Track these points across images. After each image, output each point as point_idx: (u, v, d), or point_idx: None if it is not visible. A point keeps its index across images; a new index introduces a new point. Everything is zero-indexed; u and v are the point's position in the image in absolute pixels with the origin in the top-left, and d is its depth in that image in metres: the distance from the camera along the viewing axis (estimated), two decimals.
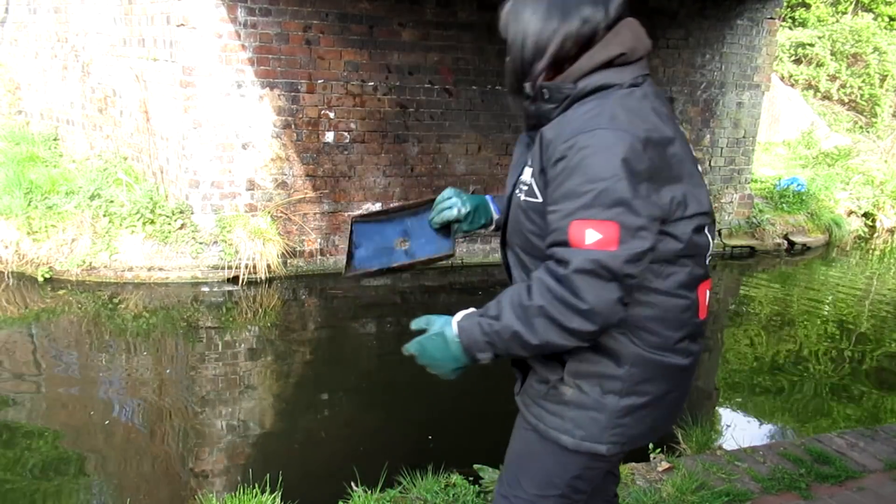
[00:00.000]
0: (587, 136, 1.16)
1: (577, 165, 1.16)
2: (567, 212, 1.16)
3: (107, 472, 3.27)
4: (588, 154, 1.15)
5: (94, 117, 7.07)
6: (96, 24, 6.77)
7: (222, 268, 5.88)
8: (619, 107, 1.20)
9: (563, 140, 1.18)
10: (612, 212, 1.14)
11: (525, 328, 1.19)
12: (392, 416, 3.91)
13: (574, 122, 1.20)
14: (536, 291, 1.18)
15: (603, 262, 1.13)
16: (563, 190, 1.17)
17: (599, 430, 1.31)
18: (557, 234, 1.18)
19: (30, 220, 5.84)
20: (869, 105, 14.11)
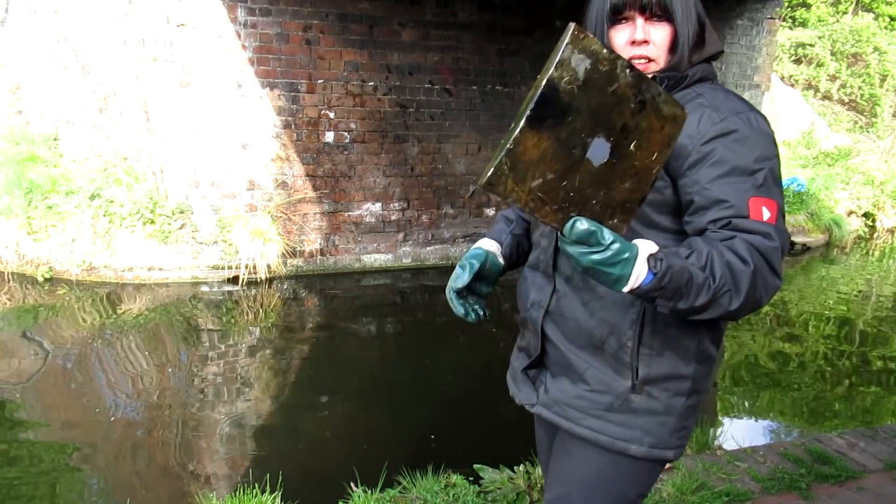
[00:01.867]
0: (740, 116, 1.17)
1: (742, 142, 1.15)
2: (744, 188, 1.14)
3: (107, 471, 3.27)
4: (752, 133, 1.16)
5: (94, 117, 7.06)
6: (96, 24, 6.77)
7: (222, 268, 5.89)
8: (736, 96, 1.23)
9: (717, 121, 1.16)
10: (776, 191, 1.16)
11: (735, 292, 1.09)
12: (392, 416, 3.91)
13: (714, 104, 1.19)
14: (749, 257, 1.10)
15: (783, 241, 1.15)
16: (730, 166, 1.14)
17: (668, 434, 1.27)
18: (736, 209, 1.13)
19: (30, 220, 5.84)
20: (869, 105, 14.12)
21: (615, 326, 1.24)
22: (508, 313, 6.05)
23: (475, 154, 6.89)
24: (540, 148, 0.97)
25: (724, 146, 1.15)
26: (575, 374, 1.30)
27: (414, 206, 6.76)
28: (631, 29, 1.21)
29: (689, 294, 1.07)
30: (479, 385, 4.36)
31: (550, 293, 1.33)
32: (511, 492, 2.52)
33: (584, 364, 1.29)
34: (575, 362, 1.30)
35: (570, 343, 1.30)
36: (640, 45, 1.21)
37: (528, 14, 6.66)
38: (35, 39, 7.78)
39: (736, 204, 1.14)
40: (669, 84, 1.22)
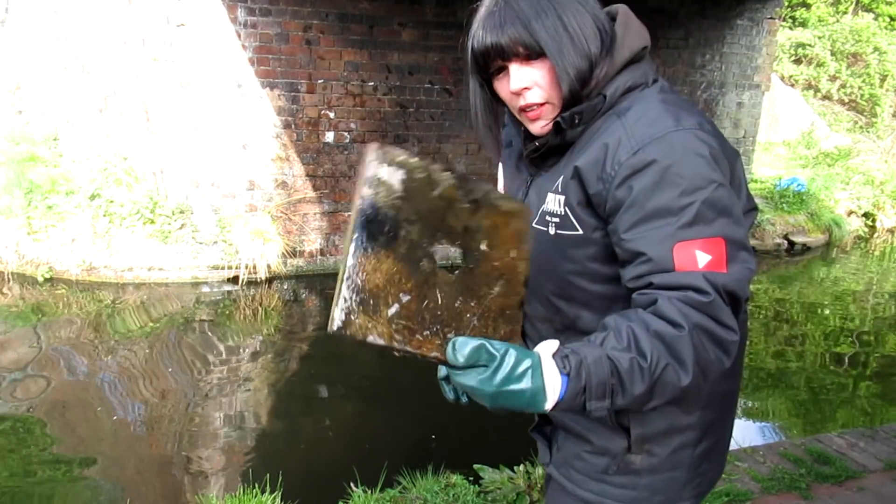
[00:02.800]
0: (661, 142, 0.97)
1: (661, 179, 0.95)
2: (665, 234, 0.95)
3: (107, 471, 3.27)
4: (671, 163, 0.95)
5: (94, 117, 7.06)
6: (96, 24, 6.77)
7: (222, 268, 5.89)
8: (668, 105, 1.02)
9: (629, 154, 0.98)
10: (716, 226, 0.95)
11: (678, 363, 0.91)
12: (392, 416, 3.91)
13: (629, 131, 1.00)
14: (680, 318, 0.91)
15: (728, 288, 0.94)
16: (649, 209, 0.96)
17: (679, 488, 1.16)
18: (658, 262, 0.95)
19: (30, 220, 5.84)
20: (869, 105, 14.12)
21: None
22: None
23: (475, 154, 6.89)
24: (382, 270, 0.86)
25: (639, 186, 0.96)
26: (579, 435, 1.20)
27: None
28: (507, 78, 1.06)
29: (620, 385, 0.89)
30: None
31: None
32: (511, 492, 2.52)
33: (579, 426, 1.19)
34: (572, 425, 1.20)
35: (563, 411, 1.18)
36: (523, 93, 1.05)
37: None
38: (35, 39, 7.77)
39: (655, 256, 0.95)
40: (586, 118, 1.04)
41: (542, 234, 1.10)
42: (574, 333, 1.11)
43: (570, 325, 1.14)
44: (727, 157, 1.02)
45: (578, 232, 1.06)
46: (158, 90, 5.95)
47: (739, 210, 1.00)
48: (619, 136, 1.00)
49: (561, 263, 1.10)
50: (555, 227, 1.08)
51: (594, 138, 1.04)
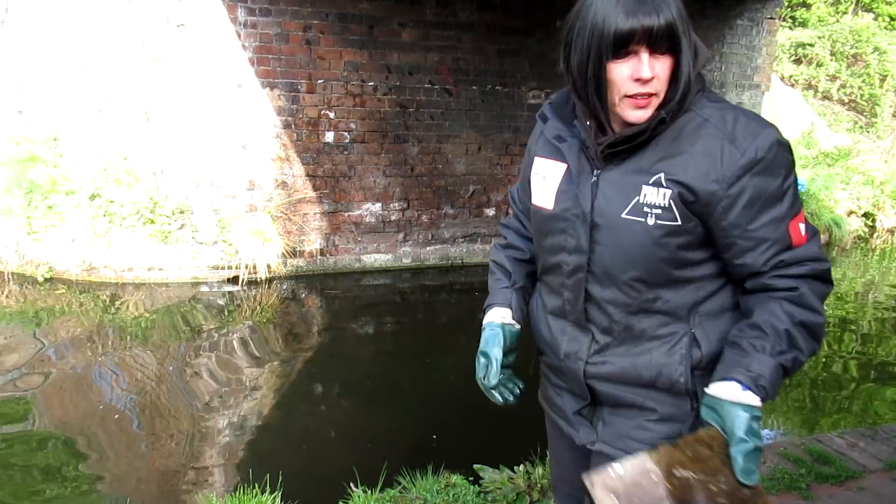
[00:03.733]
0: (759, 141, 1.13)
1: (768, 172, 1.13)
2: (781, 216, 1.15)
3: (107, 471, 3.27)
4: (772, 157, 1.13)
5: (94, 117, 7.06)
6: (96, 24, 6.77)
7: (222, 268, 5.89)
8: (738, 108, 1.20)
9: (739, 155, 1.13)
10: (797, 195, 1.18)
11: (817, 344, 1.17)
12: (392, 416, 3.91)
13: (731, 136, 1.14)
14: (817, 303, 1.16)
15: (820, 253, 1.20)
16: (764, 199, 1.14)
17: None
18: (781, 242, 1.16)
19: (30, 220, 5.84)
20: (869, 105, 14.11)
21: (664, 366, 1.23)
22: None
23: (475, 154, 6.89)
24: None
25: (753, 182, 1.13)
26: (633, 407, 1.29)
27: (414, 206, 6.76)
28: (634, 64, 1.11)
29: (788, 376, 1.14)
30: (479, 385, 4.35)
31: (588, 345, 1.30)
32: (511, 492, 2.52)
33: (640, 398, 1.28)
34: (630, 398, 1.28)
35: (620, 384, 1.29)
36: (647, 83, 1.12)
37: (528, 14, 6.66)
38: (35, 39, 7.77)
39: (779, 238, 1.15)
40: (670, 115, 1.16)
41: (637, 224, 1.19)
42: (646, 314, 1.24)
43: (645, 307, 1.23)
44: None
45: (677, 223, 1.17)
46: (158, 90, 5.95)
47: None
48: (721, 141, 1.14)
49: (653, 251, 1.19)
50: (654, 218, 1.18)
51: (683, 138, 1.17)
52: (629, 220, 1.20)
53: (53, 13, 7.39)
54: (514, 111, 6.90)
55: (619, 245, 1.21)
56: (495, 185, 7.05)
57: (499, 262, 1.50)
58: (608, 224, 1.22)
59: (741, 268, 1.19)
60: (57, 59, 7.47)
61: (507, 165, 7.03)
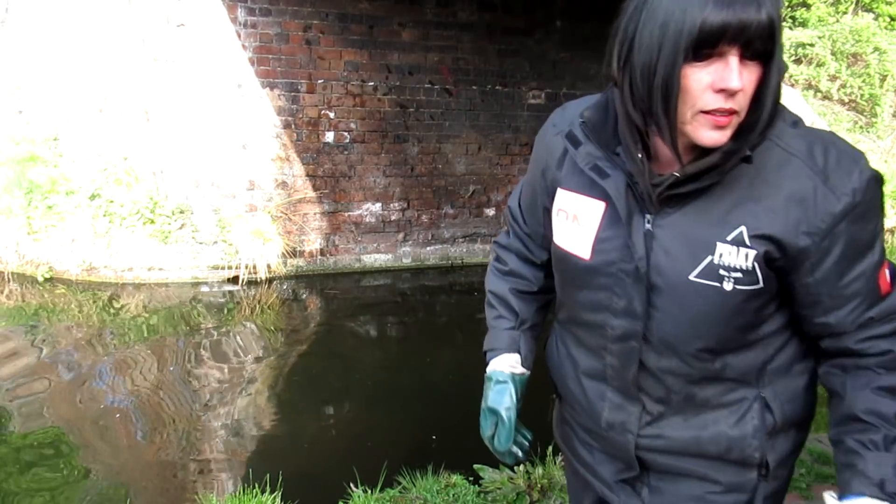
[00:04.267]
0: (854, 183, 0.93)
1: (863, 220, 0.94)
2: (870, 266, 0.96)
3: (107, 472, 3.27)
4: (867, 202, 0.93)
5: (94, 117, 7.06)
6: (96, 24, 6.77)
7: (222, 268, 5.89)
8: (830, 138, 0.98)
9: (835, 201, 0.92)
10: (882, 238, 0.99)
11: None
12: (392, 416, 3.91)
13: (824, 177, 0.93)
14: None
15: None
16: (856, 251, 0.95)
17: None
18: (871, 296, 0.97)
19: (30, 220, 5.84)
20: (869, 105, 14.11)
21: (734, 440, 1.06)
22: None
23: (475, 154, 6.89)
24: None
25: (847, 232, 0.93)
26: (692, 477, 1.11)
27: (414, 206, 6.76)
28: (720, 69, 0.86)
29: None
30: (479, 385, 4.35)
31: (639, 416, 1.10)
32: (511, 492, 2.52)
33: (702, 469, 1.09)
34: (690, 468, 1.10)
35: (677, 456, 1.10)
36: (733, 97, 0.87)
37: (528, 14, 6.66)
38: (35, 39, 7.77)
39: (869, 291, 0.97)
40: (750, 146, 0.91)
41: (710, 290, 0.97)
42: (711, 382, 1.05)
43: (711, 376, 1.05)
44: None
45: (759, 286, 0.97)
46: (158, 90, 5.95)
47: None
48: (813, 184, 0.93)
49: (730, 319, 1.00)
50: (733, 283, 0.97)
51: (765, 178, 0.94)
52: (700, 285, 0.97)
53: (53, 13, 7.39)
54: (514, 111, 6.90)
55: (685, 313, 0.99)
56: (495, 185, 7.05)
57: (499, 295, 1.27)
58: (671, 287, 0.99)
59: (822, 327, 1.00)
60: (57, 59, 7.47)
61: (507, 165, 7.03)
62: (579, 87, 6.95)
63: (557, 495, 2.49)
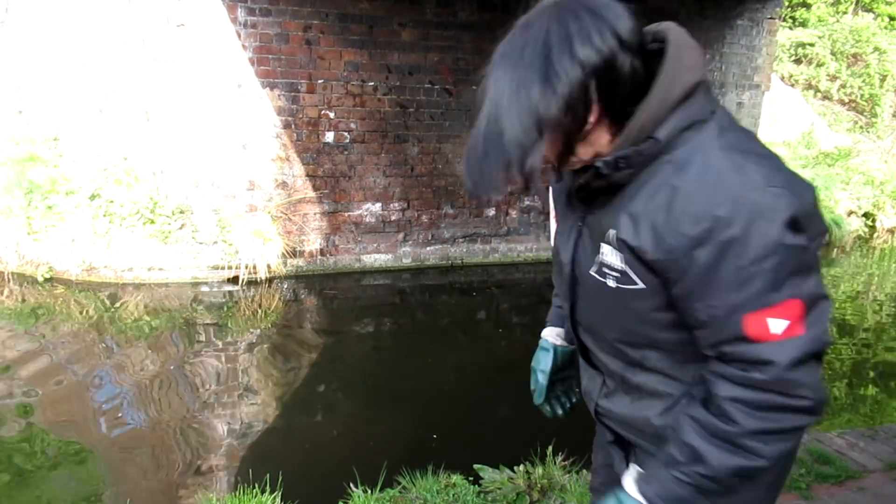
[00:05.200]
0: (724, 208, 0.90)
1: (727, 247, 0.91)
2: (734, 305, 0.93)
3: (107, 472, 3.27)
4: (737, 233, 0.90)
5: (94, 117, 7.06)
6: (96, 24, 6.77)
7: (222, 268, 5.89)
8: (731, 152, 0.94)
9: (692, 223, 0.92)
10: (789, 289, 0.92)
11: (747, 458, 0.96)
12: (392, 416, 3.91)
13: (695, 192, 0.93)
14: (736, 412, 0.95)
15: (806, 350, 0.93)
16: (718, 278, 0.93)
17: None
18: (728, 331, 0.95)
19: (30, 220, 5.84)
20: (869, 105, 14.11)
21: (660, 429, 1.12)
22: (507, 312, 6.05)
23: None
24: None
25: (704, 258, 0.93)
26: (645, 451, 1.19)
27: (414, 206, 6.76)
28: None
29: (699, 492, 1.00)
30: (479, 385, 4.36)
31: (600, 386, 1.23)
32: (511, 492, 2.52)
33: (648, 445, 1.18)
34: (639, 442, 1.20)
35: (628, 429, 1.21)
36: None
37: None
38: (35, 39, 7.77)
39: (725, 327, 0.95)
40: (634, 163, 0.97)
41: (602, 285, 1.06)
42: (642, 370, 1.12)
43: (636, 364, 1.12)
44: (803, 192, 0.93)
45: (638, 286, 1.01)
46: (158, 90, 5.95)
47: (815, 260, 0.95)
48: (681, 202, 0.94)
49: (623, 314, 1.07)
50: (615, 281, 1.04)
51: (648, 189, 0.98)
52: (595, 280, 1.07)
53: (53, 13, 7.39)
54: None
55: (592, 304, 1.12)
56: None
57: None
58: (583, 279, 1.11)
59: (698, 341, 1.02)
60: (57, 59, 7.47)
61: None
62: None
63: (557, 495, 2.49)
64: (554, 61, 0.92)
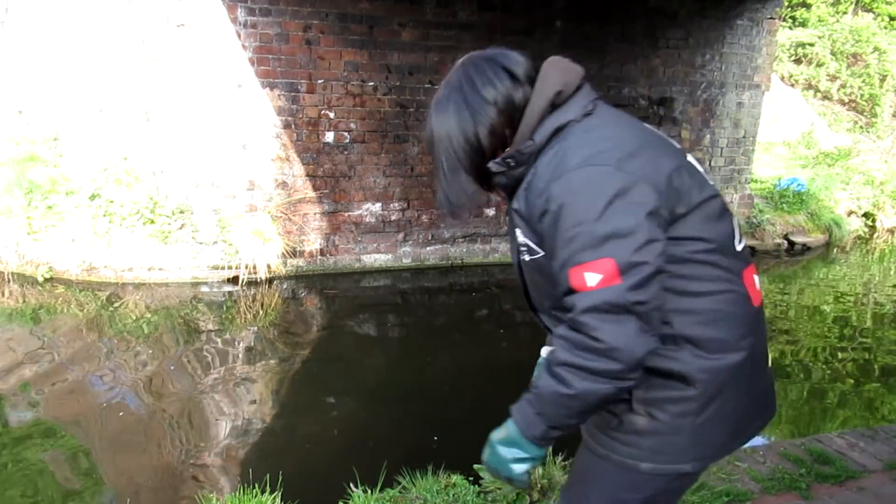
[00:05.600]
0: (558, 183, 1.18)
1: (558, 214, 1.17)
2: (562, 261, 1.17)
3: (107, 471, 3.27)
4: (565, 201, 1.16)
5: (94, 117, 7.06)
6: (96, 24, 6.77)
7: (222, 268, 5.89)
8: (578, 143, 1.22)
9: (538, 194, 1.21)
10: (603, 249, 1.13)
11: (560, 384, 1.17)
12: (392, 416, 3.91)
13: (543, 174, 1.22)
14: (559, 346, 1.19)
15: (606, 299, 1.12)
16: (553, 241, 1.19)
17: (681, 451, 1.27)
18: (563, 285, 1.18)
19: (30, 220, 5.84)
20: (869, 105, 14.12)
21: None
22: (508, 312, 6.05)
23: None
24: None
25: (547, 223, 1.20)
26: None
27: (414, 206, 6.76)
28: None
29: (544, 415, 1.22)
30: (479, 385, 4.36)
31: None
32: (511, 492, 2.51)
33: None
34: None
35: None
36: None
37: (528, 14, 6.66)
38: (35, 39, 7.77)
39: (561, 280, 1.19)
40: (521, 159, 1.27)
41: (526, 264, 1.32)
42: None
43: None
44: (642, 173, 1.16)
45: (540, 253, 1.26)
46: (158, 90, 5.95)
47: (635, 228, 1.13)
48: (535, 180, 1.23)
49: (544, 283, 1.29)
50: (528, 255, 1.29)
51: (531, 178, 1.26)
52: (520, 259, 1.33)
53: (53, 13, 7.39)
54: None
55: (531, 283, 1.36)
56: None
57: None
58: (521, 265, 1.35)
59: None
60: (57, 59, 7.47)
61: None
62: None
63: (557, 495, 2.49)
64: (470, 103, 1.27)
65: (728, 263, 1.25)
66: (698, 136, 7.85)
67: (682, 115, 7.68)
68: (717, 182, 8.04)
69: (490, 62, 1.28)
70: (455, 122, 1.27)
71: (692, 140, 7.83)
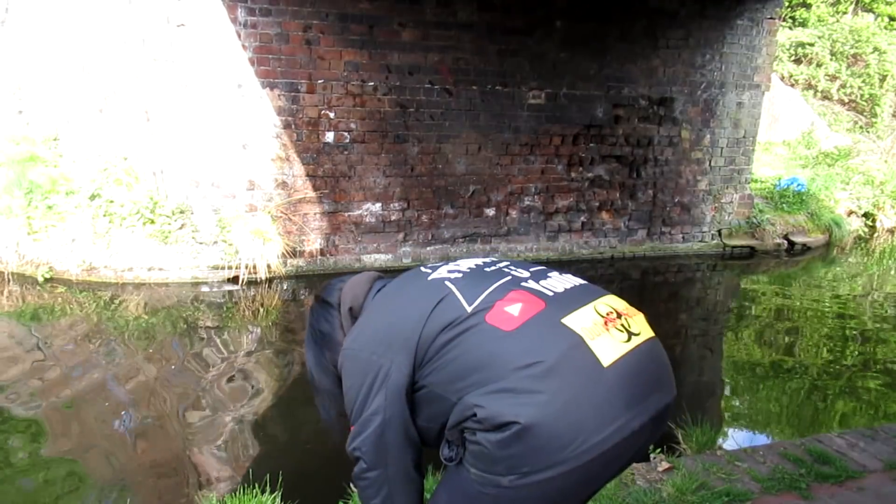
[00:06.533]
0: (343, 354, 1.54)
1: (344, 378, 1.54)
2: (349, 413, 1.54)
3: (107, 471, 3.27)
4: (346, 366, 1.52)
5: (94, 117, 7.06)
6: (96, 24, 6.77)
7: (222, 268, 5.89)
8: (359, 325, 1.56)
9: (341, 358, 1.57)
10: (358, 415, 1.48)
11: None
12: None
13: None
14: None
15: (351, 454, 1.53)
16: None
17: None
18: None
19: (30, 220, 5.84)
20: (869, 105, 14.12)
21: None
22: None
23: (475, 154, 6.89)
24: None
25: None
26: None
27: (414, 206, 6.76)
28: None
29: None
30: None
31: None
32: None
33: None
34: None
35: None
36: None
37: (528, 14, 6.66)
38: (35, 39, 7.77)
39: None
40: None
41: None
42: None
43: None
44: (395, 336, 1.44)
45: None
46: (158, 90, 5.95)
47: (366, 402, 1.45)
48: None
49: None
50: None
51: None
52: None
53: (53, 13, 7.39)
54: (514, 111, 6.90)
55: None
56: (495, 185, 7.05)
57: None
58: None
59: None
60: (57, 59, 7.47)
61: (507, 165, 7.04)
62: (579, 87, 6.95)
63: None
64: (316, 340, 1.68)
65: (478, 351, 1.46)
66: (698, 136, 7.85)
67: (682, 115, 7.68)
68: (717, 182, 8.05)
69: (319, 302, 1.72)
70: (312, 357, 1.70)
71: (692, 140, 7.83)
